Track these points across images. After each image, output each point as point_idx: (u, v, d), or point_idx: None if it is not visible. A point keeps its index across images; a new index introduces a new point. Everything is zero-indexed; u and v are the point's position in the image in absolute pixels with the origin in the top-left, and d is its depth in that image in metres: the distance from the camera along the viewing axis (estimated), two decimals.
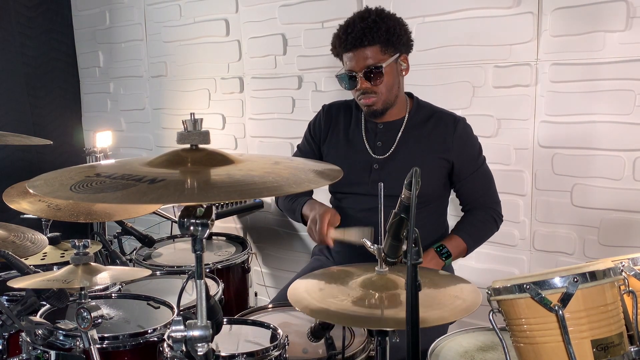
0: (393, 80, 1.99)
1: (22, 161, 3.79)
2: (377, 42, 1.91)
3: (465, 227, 2.08)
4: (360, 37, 1.91)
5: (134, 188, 1.01)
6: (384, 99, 1.99)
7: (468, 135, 2.06)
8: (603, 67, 2.14)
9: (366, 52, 1.92)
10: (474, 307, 1.36)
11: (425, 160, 2.00)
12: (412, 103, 2.10)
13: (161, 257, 2.52)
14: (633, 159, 2.14)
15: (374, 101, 1.98)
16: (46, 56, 3.95)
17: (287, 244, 3.21)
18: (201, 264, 1.10)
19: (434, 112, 2.07)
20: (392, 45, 1.94)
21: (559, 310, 1.12)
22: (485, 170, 2.10)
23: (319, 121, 2.21)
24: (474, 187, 2.08)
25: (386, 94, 1.98)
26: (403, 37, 1.97)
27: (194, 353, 1.10)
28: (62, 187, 1.06)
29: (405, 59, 2.02)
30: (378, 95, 1.97)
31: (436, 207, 2.10)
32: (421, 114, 2.07)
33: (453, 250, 2.00)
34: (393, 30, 1.93)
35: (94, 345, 1.47)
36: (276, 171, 1.15)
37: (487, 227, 2.10)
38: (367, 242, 1.53)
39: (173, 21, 3.46)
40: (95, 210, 2.03)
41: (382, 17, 1.94)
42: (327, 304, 1.37)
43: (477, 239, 2.08)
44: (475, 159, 2.07)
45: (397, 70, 1.99)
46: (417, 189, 1.17)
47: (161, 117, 3.68)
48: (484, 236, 2.11)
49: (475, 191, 2.09)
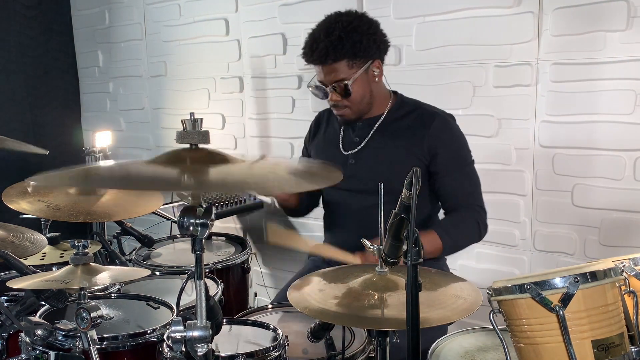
0: (364, 91, 1.96)
1: (21, 161, 3.77)
2: (343, 57, 1.88)
3: (443, 223, 1.98)
4: (325, 54, 1.88)
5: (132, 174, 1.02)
6: (355, 109, 1.99)
7: (447, 129, 1.98)
8: (604, 67, 2.14)
9: (333, 66, 1.90)
10: (475, 307, 1.36)
11: (397, 153, 1.97)
12: (396, 100, 2.07)
13: (161, 258, 2.52)
14: (634, 159, 2.14)
15: (345, 112, 1.99)
16: (46, 56, 3.95)
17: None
18: (201, 264, 1.10)
19: (417, 108, 2.03)
20: (360, 57, 1.90)
21: (559, 310, 1.12)
22: (468, 172, 2.00)
23: (310, 128, 2.28)
24: (455, 186, 1.97)
25: (358, 104, 1.98)
26: (372, 46, 1.91)
27: (193, 353, 1.10)
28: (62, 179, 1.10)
29: (379, 64, 1.96)
30: (350, 106, 1.97)
31: (419, 204, 2.05)
32: (402, 110, 2.05)
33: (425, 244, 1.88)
34: (359, 44, 1.88)
35: (93, 345, 1.47)
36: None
37: (468, 227, 1.95)
38: (366, 242, 1.53)
39: (172, 21, 3.46)
40: (95, 210, 2.03)
41: (348, 30, 1.87)
42: (328, 304, 1.37)
43: (455, 237, 1.92)
44: (454, 157, 1.97)
45: (369, 79, 1.95)
46: (417, 189, 1.17)
47: (161, 116, 3.68)
48: (463, 235, 1.96)
49: (456, 190, 1.97)
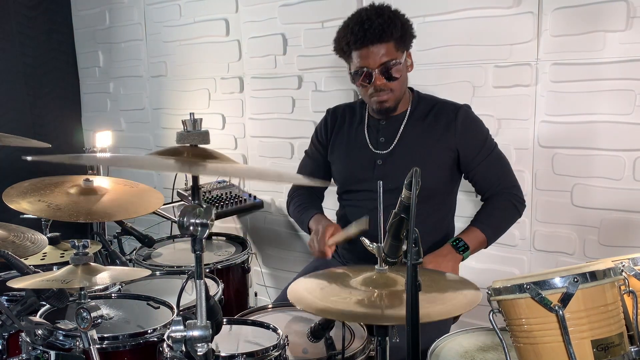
0: (404, 78, 2.00)
1: (22, 161, 3.77)
2: (393, 38, 1.90)
3: (482, 217, 2.01)
4: (379, 32, 1.88)
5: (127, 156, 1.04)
6: (397, 96, 1.99)
7: (471, 120, 2.03)
8: (603, 67, 2.14)
9: (382, 48, 1.90)
10: (475, 302, 1.35)
11: (428, 152, 2.00)
12: (414, 96, 2.10)
13: (161, 257, 2.52)
14: (633, 159, 2.14)
15: (388, 98, 1.97)
16: (46, 56, 3.95)
17: (287, 244, 3.21)
18: (201, 264, 1.10)
19: (436, 103, 2.07)
20: (404, 42, 1.94)
21: (559, 310, 1.12)
22: (497, 154, 2.05)
23: (324, 124, 2.22)
24: (488, 173, 2.02)
25: (399, 90, 1.99)
26: (411, 35, 1.98)
27: (193, 353, 1.10)
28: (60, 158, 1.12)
29: (410, 55, 2.02)
30: (393, 92, 1.97)
31: (441, 202, 2.07)
32: (423, 107, 2.07)
33: (471, 242, 1.92)
34: (407, 27, 1.93)
35: (93, 345, 1.47)
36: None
37: (507, 215, 2.02)
38: (365, 241, 1.53)
39: (173, 21, 3.46)
40: (95, 210, 2.03)
41: (395, 13, 1.93)
42: (329, 302, 1.37)
43: (497, 229, 2.00)
44: (482, 144, 2.02)
45: (406, 67, 2.00)
46: (417, 189, 1.17)
47: (161, 117, 3.68)
48: (504, 224, 2.03)
49: (490, 178, 2.02)
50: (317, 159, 2.22)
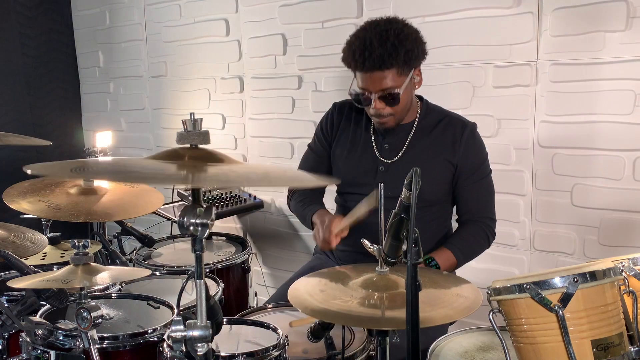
0: (408, 99, 1.95)
1: (22, 161, 3.74)
2: (395, 65, 1.85)
3: (457, 241, 2.03)
4: (379, 62, 1.83)
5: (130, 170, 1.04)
6: (398, 117, 1.97)
7: (476, 141, 2.03)
8: (603, 67, 2.14)
9: (383, 74, 1.86)
10: (476, 305, 1.36)
11: (431, 165, 1.98)
12: (422, 106, 2.06)
13: (161, 257, 2.52)
14: (633, 159, 2.14)
15: (388, 120, 1.95)
16: (46, 56, 3.95)
17: (287, 244, 3.21)
18: (201, 264, 1.10)
19: (444, 116, 2.04)
20: (409, 64, 1.88)
21: (559, 310, 1.12)
22: (487, 182, 2.05)
23: (330, 119, 2.17)
24: (472, 196, 2.03)
25: (401, 112, 1.96)
26: (420, 55, 1.91)
27: (193, 353, 1.10)
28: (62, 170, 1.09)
29: (419, 71, 1.96)
30: (393, 115, 1.94)
31: (440, 209, 2.07)
32: (430, 118, 2.04)
33: (442, 263, 1.94)
34: (411, 52, 1.86)
35: (93, 345, 1.47)
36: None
37: (479, 244, 2.05)
38: (366, 242, 1.53)
39: (173, 21, 3.46)
40: (95, 210, 2.03)
41: (401, 39, 1.85)
42: (329, 304, 1.37)
43: (468, 254, 2.03)
44: (478, 167, 2.02)
45: (412, 86, 1.95)
46: (417, 189, 1.17)
47: (161, 117, 3.68)
48: (474, 252, 2.07)
49: (473, 202, 2.04)
50: (320, 153, 2.19)
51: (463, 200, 2.06)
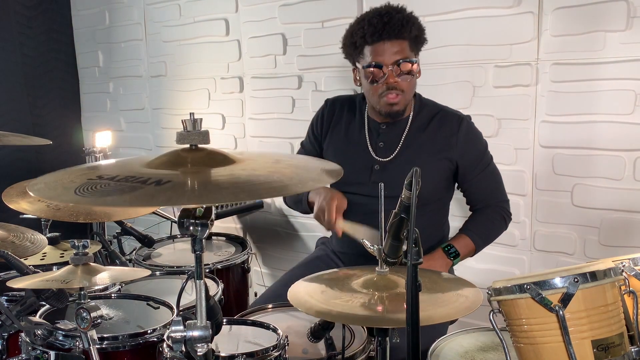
0: (415, 81, 1.96)
1: (21, 161, 3.78)
2: (409, 37, 1.87)
3: (473, 226, 2.04)
4: (399, 27, 1.84)
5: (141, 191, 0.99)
6: (406, 99, 1.95)
7: (473, 133, 2.03)
8: (603, 67, 2.14)
9: (399, 45, 1.86)
10: (477, 304, 1.36)
11: (427, 162, 1.96)
12: (415, 101, 2.05)
13: (161, 257, 2.52)
14: (633, 159, 2.14)
15: (398, 100, 1.92)
16: (46, 56, 3.94)
17: (287, 244, 3.21)
18: (201, 264, 1.10)
19: (438, 111, 2.03)
20: (418, 44, 1.92)
21: (559, 310, 1.12)
22: (492, 169, 2.06)
23: (321, 116, 2.15)
24: (482, 186, 2.04)
25: (409, 93, 1.95)
26: (423, 40, 1.96)
27: (193, 353, 1.10)
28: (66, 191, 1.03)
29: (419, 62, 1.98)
30: (403, 94, 1.92)
31: (436, 208, 2.07)
32: (424, 114, 2.03)
33: (461, 249, 1.96)
34: (419, 34, 1.90)
35: (93, 345, 1.47)
36: (279, 170, 1.14)
37: (496, 226, 2.06)
38: (366, 243, 1.52)
39: (172, 21, 3.46)
40: (95, 210, 2.03)
41: (411, 16, 1.90)
42: (331, 305, 1.37)
43: (486, 238, 2.05)
44: (480, 158, 2.03)
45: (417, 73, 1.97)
46: (417, 189, 1.17)
47: (161, 117, 3.68)
48: (492, 235, 2.07)
49: (483, 191, 2.05)
50: (312, 152, 2.15)
51: (473, 193, 2.07)
